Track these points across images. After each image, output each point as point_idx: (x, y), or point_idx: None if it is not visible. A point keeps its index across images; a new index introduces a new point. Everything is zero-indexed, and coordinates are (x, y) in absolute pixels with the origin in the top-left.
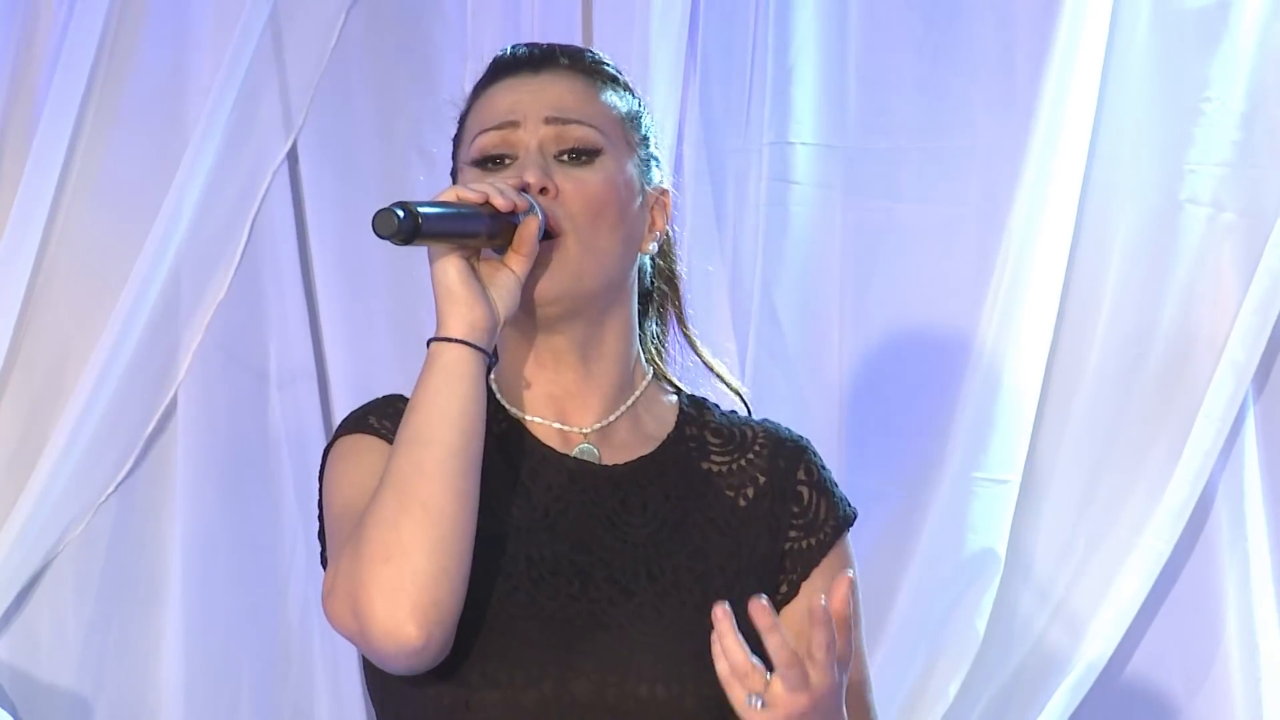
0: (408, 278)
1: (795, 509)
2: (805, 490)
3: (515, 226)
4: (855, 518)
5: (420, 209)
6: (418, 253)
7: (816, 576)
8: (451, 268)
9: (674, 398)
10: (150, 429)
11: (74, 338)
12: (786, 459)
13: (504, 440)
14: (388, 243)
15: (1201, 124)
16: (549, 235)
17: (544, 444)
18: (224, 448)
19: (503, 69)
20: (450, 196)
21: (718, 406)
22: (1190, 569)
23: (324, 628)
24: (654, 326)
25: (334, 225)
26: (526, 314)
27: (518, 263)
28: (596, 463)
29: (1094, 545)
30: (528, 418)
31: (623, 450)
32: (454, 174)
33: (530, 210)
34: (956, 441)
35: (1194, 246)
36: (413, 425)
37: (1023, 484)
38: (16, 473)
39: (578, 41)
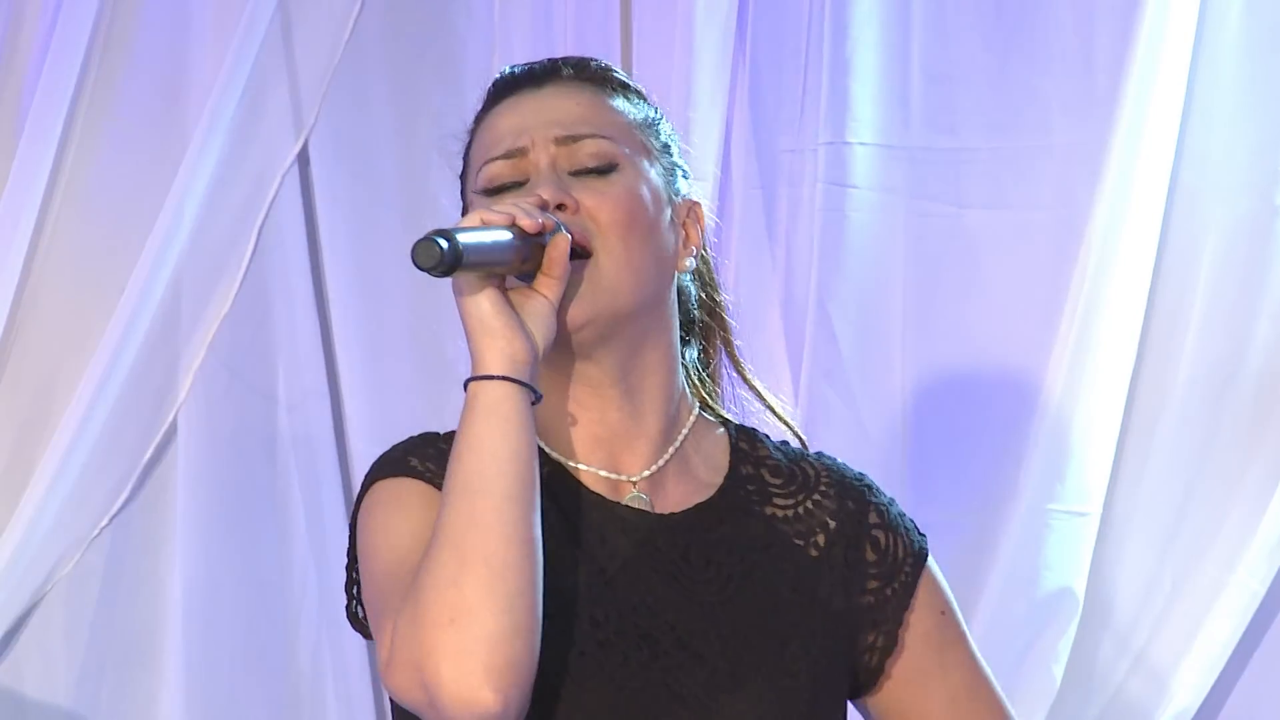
0: (428, 291)
1: (873, 557)
2: (880, 534)
3: (543, 248)
4: (926, 545)
5: (459, 237)
6: None
7: (913, 619)
8: (485, 300)
9: (721, 431)
10: (148, 456)
11: (65, 356)
12: (855, 500)
13: (549, 486)
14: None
15: None
16: (577, 255)
17: (592, 490)
18: (228, 476)
19: (502, 90)
20: (474, 221)
21: (769, 438)
22: None
23: (337, 673)
24: (694, 354)
25: (348, 233)
26: (560, 345)
27: (550, 287)
28: (651, 511)
29: (1181, 584)
30: (570, 463)
31: (675, 496)
32: (464, 211)
33: (557, 229)
34: (1030, 470)
35: None
36: (462, 473)
37: (1103, 517)
38: (2, 504)
39: (615, 37)
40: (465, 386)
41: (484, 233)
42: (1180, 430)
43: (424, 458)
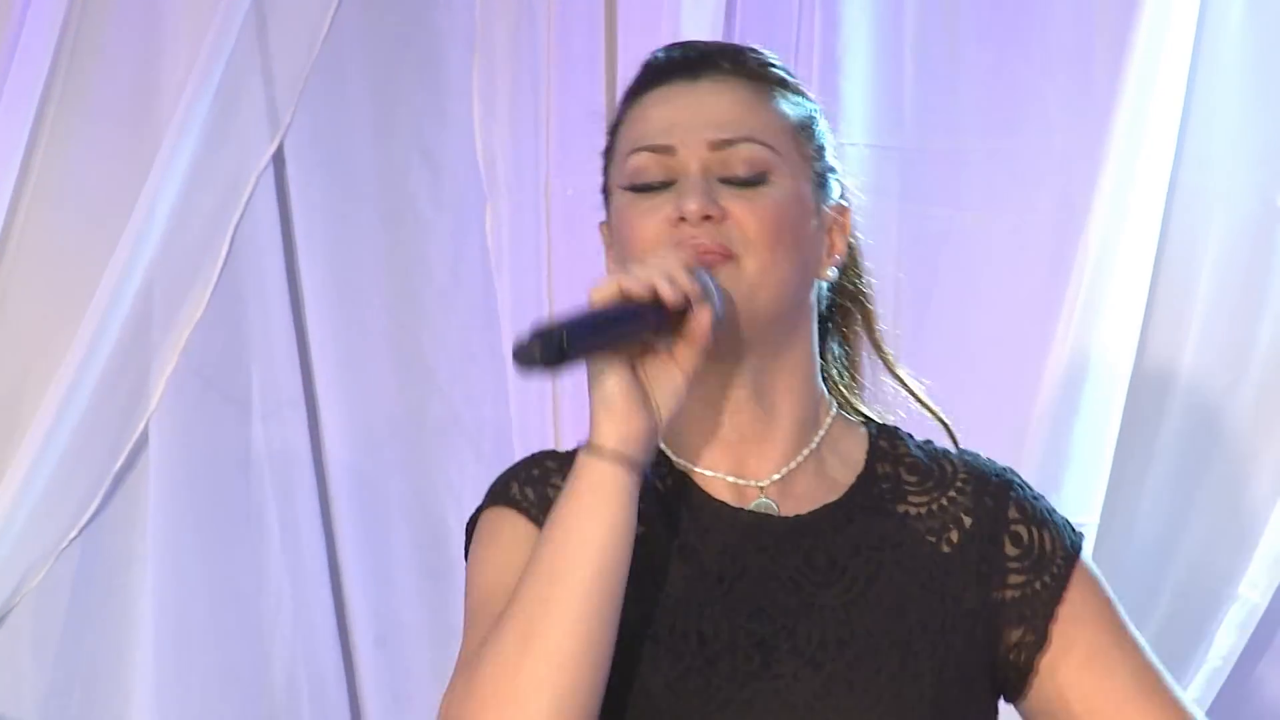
0: (407, 296)
1: (1014, 551)
2: (1022, 529)
3: (684, 315)
4: (1082, 541)
5: (569, 328)
6: (418, 266)
7: (1065, 615)
8: (611, 375)
9: (863, 430)
10: (118, 465)
11: (32, 362)
12: (994, 496)
13: (669, 499)
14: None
15: None
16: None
17: (715, 499)
18: (201, 486)
19: (655, 75)
20: (611, 289)
21: (911, 436)
22: None
23: (313, 688)
24: (836, 350)
25: (325, 236)
26: None
27: (687, 358)
28: (776, 515)
29: (1182, 597)
30: (697, 469)
31: (805, 498)
32: (605, 189)
33: (705, 296)
34: (1026, 479)
35: None
36: (546, 553)
37: (1101, 527)
38: None
39: (599, 34)
40: (577, 452)
41: (605, 313)
42: (1180, 438)
43: (527, 482)
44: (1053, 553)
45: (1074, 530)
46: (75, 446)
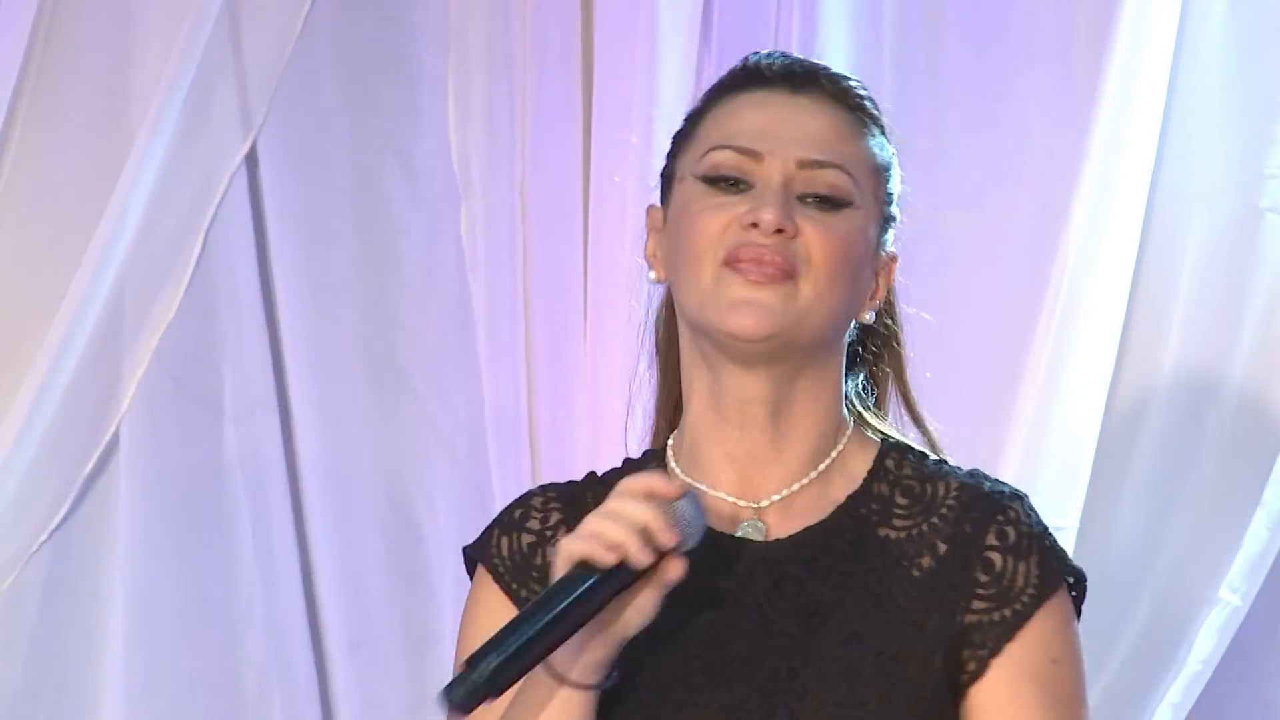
0: (381, 297)
1: (983, 578)
2: (997, 556)
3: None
4: (1075, 578)
5: (495, 668)
6: (392, 267)
7: (1012, 652)
8: None
9: (875, 447)
10: (89, 468)
11: (2, 364)
12: (975, 521)
13: None
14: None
15: None
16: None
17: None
18: (172, 490)
19: (754, 78)
20: (577, 552)
21: (924, 456)
22: (1270, 627)
23: (284, 693)
24: (860, 380)
25: (298, 237)
26: (729, 351)
27: (659, 587)
28: (759, 540)
29: (1161, 601)
30: (699, 485)
31: (798, 519)
32: (667, 175)
33: (681, 545)
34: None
35: (1275, 260)
36: None
37: (1080, 531)
38: None
39: (576, 34)
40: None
41: (557, 600)
42: (1160, 441)
43: (507, 529)
44: (1022, 588)
45: (1063, 571)
46: (45, 449)
